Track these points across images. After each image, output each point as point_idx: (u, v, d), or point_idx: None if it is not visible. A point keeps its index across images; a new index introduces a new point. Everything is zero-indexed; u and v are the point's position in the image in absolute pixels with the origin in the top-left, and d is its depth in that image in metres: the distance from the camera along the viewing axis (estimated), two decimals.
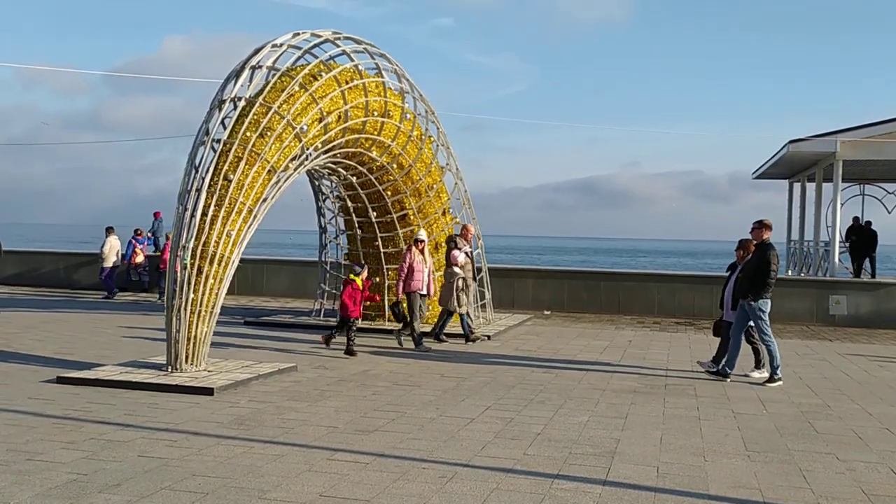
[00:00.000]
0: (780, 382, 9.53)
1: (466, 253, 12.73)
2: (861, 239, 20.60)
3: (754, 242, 9.85)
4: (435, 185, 13.91)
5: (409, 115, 12.98)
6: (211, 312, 9.13)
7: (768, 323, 9.63)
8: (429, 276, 12.10)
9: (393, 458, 5.97)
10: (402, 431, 6.80)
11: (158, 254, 19.84)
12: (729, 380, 9.74)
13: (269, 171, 9.82)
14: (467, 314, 12.69)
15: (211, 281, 9.07)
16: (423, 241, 12.13)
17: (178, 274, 9.06)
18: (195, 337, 9.02)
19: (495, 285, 16.42)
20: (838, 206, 18.93)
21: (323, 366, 10.07)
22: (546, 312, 17.87)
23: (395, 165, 13.11)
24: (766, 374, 9.76)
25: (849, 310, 16.68)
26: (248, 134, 9.73)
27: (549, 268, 23.95)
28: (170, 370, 8.96)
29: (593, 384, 9.34)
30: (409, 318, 11.89)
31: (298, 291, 19.56)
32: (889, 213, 23.19)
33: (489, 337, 13.14)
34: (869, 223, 21.52)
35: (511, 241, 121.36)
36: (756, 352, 10.09)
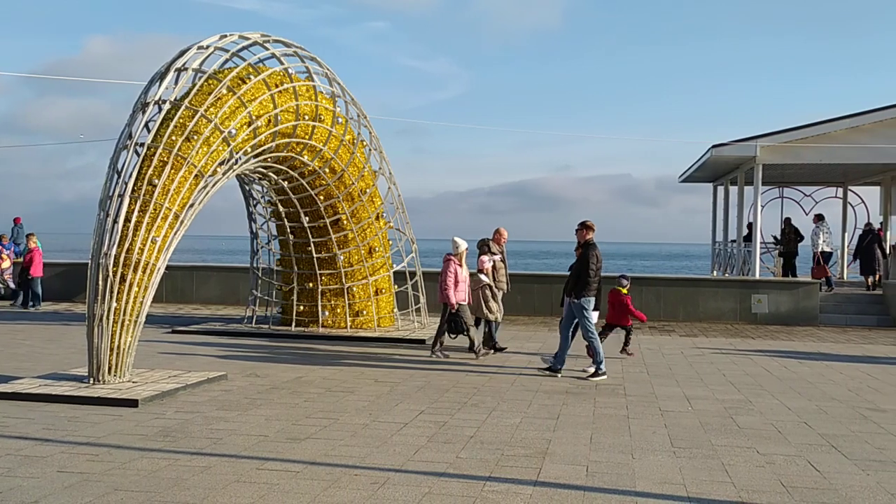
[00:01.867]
0: (604, 377, 9.91)
1: (496, 259, 11.99)
2: (790, 239, 21.44)
3: (579, 243, 10.32)
4: (368, 190, 13.85)
5: (340, 119, 12.90)
6: (135, 321, 8.86)
7: (591, 320, 10.07)
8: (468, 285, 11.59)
9: (324, 466, 5.90)
10: (334, 438, 6.74)
11: (20, 260, 19.40)
12: (559, 375, 10.09)
13: (196, 175, 9.61)
14: (495, 322, 12.01)
15: (135, 289, 8.81)
16: (463, 250, 11.58)
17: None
18: (118, 347, 8.74)
19: (430, 290, 16.43)
20: (759, 208, 19.63)
21: (254, 373, 9.89)
22: None
23: (327, 170, 13.00)
24: (592, 369, 10.12)
25: (769, 308, 17.32)
26: (173, 138, 9.50)
27: None
28: (92, 382, 8.66)
29: (526, 386, 9.43)
30: (466, 329, 11.40)
31: (230, 298, 19.21)
32: (806, 214, 24.16)
33: (497, 350, 12.15)
34: (789, 220, 22.36)
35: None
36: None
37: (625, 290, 12.22)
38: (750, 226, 22.56)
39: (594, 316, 10.34)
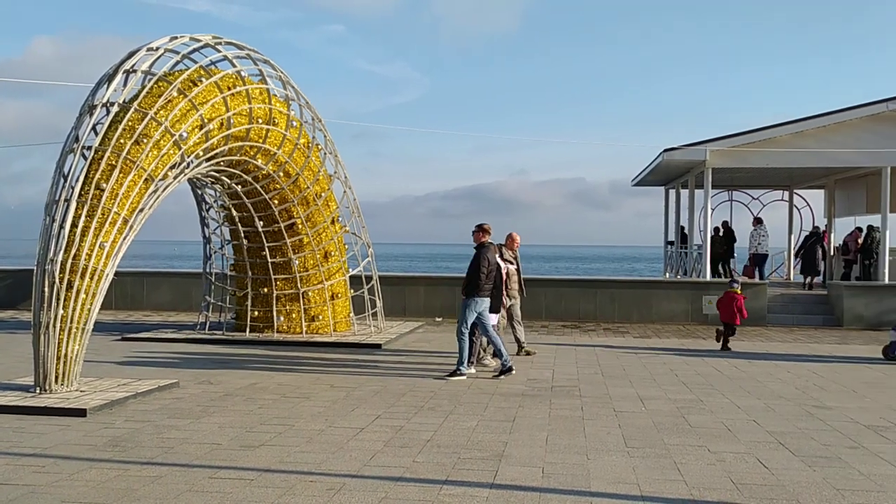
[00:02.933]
0: (462, 378, 10.05)
1: (511, 267, 11.72)
2: (726, 240, 21.95)
3: (475, 245, 10.53)
4: (323, 194, 13.76)
5: (295, 123, 12.80)
6: (83, 329, 8.65)
7: (467, 322, 10.26)
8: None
9: (279, 473, 5.83)
10: (289, 445, 6.66)
11: None
12: (513, 372, 10.25)
13: (145, 179, 9.43)
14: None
15: (83, 296, 8.60)
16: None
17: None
18: (66, 356, 8.51)
19: (386, 293, 16.41)
20: (709, 211, 20.05)
21: (207, 380, 9.73)
22: (438, 319, 17.99)
23: (281, 174, 12.88)
24: (496, 364, 10.33)
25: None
26: (122, 141, 9.31)
27: (440, 275, 24.14)
28: (38, 391, 8.42)
29: (482, 389, 9.47)
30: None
31: (182, 305, 18.88)
32: (753, 217, 24.71)
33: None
34: (726, 223, 22.89)
35: (402, 249, 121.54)
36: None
37: (738, 291, 13.35)
38: (682, 228, 23.24)
39: (493, 318, 10.59)
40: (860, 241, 20.26)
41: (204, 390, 9.12)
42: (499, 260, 11.27)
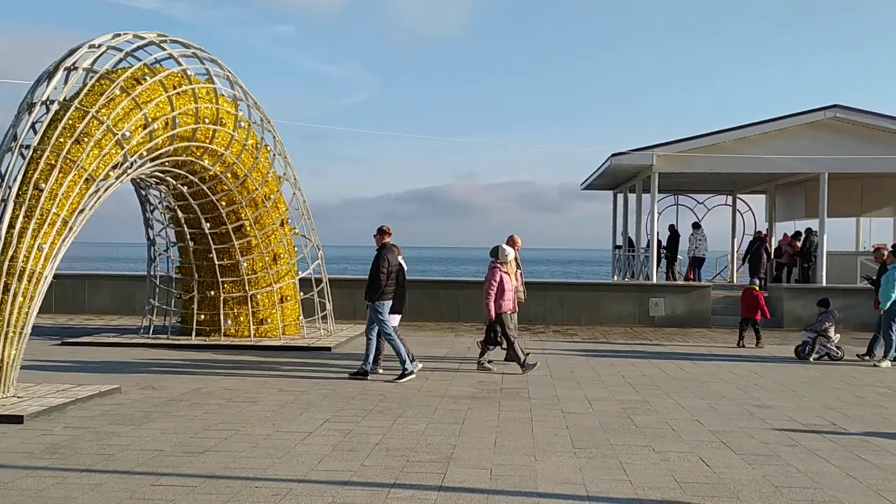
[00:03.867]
0: (411, 377, 10.14)
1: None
2: (671, 244, 22.44)
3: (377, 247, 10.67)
4: (272, 195, 13.59)
5: (243, 123, 12.62)
6: (20, 333, 8.37)
7: (388, 321, 10.36)
8: (514, 293, 11.10)
9: (224, 479, 5.73)
10: (235, 450, 6.55)
11: None
12: (413, 376, 10.23)
13: (86, 179, 9.18)
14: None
15: (20, 299, 8.32)
16: (511, 259, 11.09)
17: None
18: (2, 361, 8.22)
19: (337, 296, 16.28)
20: (655, 215, 20.42)
21: (150, 386, 9.51)
22: None
23: (229, 175, 12.68)
24: (413, 367, 10.36)
25: (666, 311, 18.03)
26: (62, 140, 9.05)
27: None
28: None
29: (432, 391, 9.46)
30: (501, 342, 11.01)
31: (125, 308, 18.43)
32: (699, 221, 25.26)
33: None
34: (672, 227, 23.39)
35: (353, 252, 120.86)
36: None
37: (757, 288, 14.16)
38: (627, 234, 23.81)
39: (395, 319, 10.70)
40: (796, 245, 20.87)
41: (147, 396, 8.92)
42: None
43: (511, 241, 11.66)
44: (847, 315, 18.08)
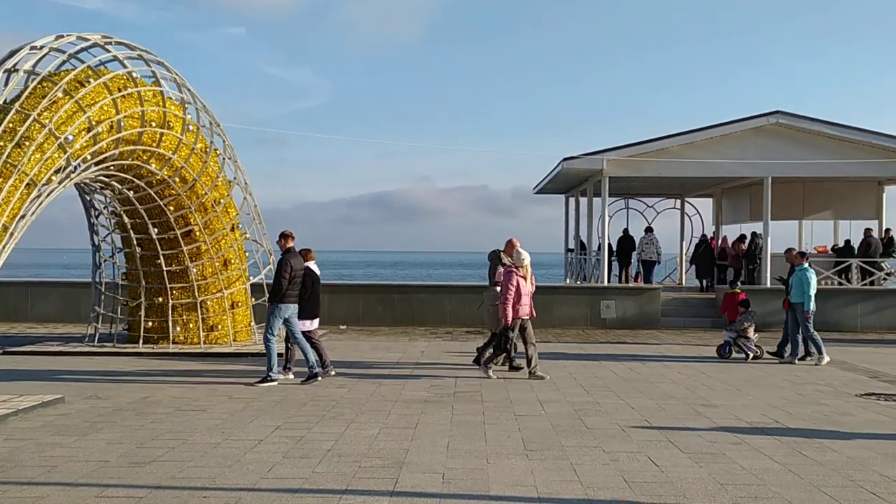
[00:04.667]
0: (273, 383, 10.11)
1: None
2: (624, 247, 22.80)
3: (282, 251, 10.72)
4: (222, 200, 13.41)
5: (191, 127, 12.43)
6: None
7: (276, 326, 10.35)
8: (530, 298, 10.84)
9: (171, 490, 5.62)
10: (182, 460, 6.44)
11: None
12: (319, 380, 10.28)
13: (27, 184, 8.95)
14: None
15: None
16: (528, 263, 10.86)
17: None
18: None
19: None
20: (606, 219, 20.73)
21: (95, 395, 9.29)
22: (342, 327, 17.83)
23: (177, 179, 12.47)
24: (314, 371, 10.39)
25: (617, 313, 18.30)
26: (1, 143, 8.81)
27: (344, 282, 23.96)
28: None
29: (385, 396, 9.44)
30: (510, 349, 10.87)
31: (70, 316, 17.94)
32: (649, 224, 25.70)
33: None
34: (626, 231, 23.79)
35: None
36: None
37: (739, 291, 14.28)
38: (577, 237, 24.21)
39: (312, 324, 10.68)
40: (741, 247, 21.39)
41: (92, 405, 8.70)
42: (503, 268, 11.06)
43: (511, 245, 11.44)
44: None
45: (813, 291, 12.52)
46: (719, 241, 23.83)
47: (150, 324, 13.45)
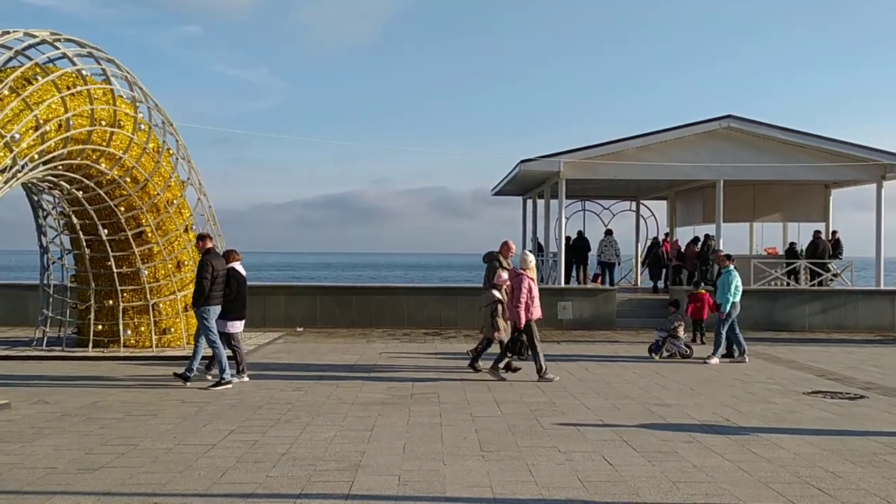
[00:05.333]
0: (228, 386, 10.02)
1: (505, 271, 11.37)
2: (579, 249, 23.08)
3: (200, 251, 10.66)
4: (175, 201, 13.18)
5: (143, 126, 12.18)
6: None
7: (213, 329, 10.25)
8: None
9: (120, 496, 5.49)
10: (132, 466, 6.30)
11: None
12: (230, 386, 10.08)
13: None
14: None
15: None
16: (533, 265, 11.06)
17: None
18: None
19: None
20: (563, 220, 20.90)
21: (42, 400, 9.04)
22: (299, 329, 17.67)
23: (128, 179, 12.22)
24: (239, 378, 10.40)
25: (574, 314, 18.47)
26: None
27: (301, 284, 23.75)
28: None
29: (342, 398, 9.37)
30: (524, 352, 10.82)
31: (16, 319, 17.43)
32: (605, 226, 26.01)
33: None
34: (581, 233, 24.06)
35: (262, 258, 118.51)
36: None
37: (704, 291, 15.06)
38: (535, 238, 24.46)
39: (238, 325, 10.65)
40: (694, 248, 21.79)
41: (38, 411, 8.47)
42: (504, 273, 11.15)
43: (506, 248, 11.61)
44: (741, 315, 18.96)
45: (733, 293, 12.83)
46: (671, 243, 24.24)
47: (101, 327, 13.15)
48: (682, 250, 22.43)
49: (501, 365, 11.04)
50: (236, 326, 10.66)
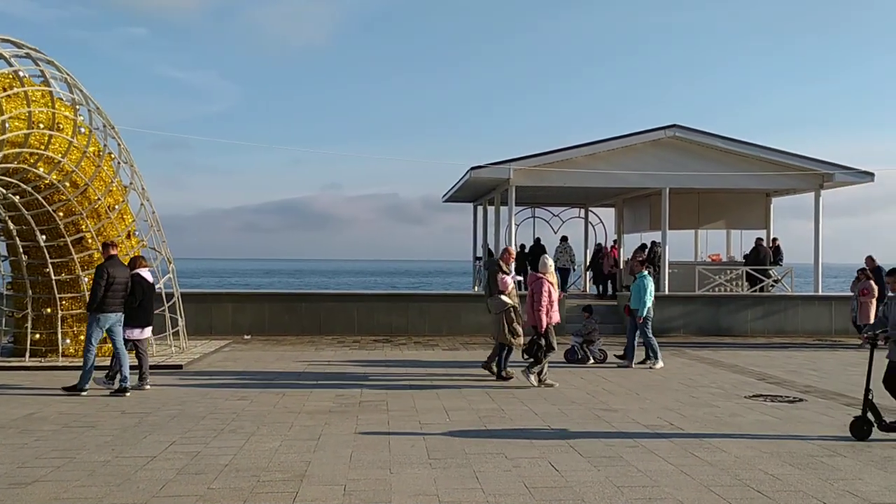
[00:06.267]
0: (127, 394, 9.97)
1: (506, 275, 11.46)
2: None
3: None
4: (117, 206, 12.86)
5: (83, 129, 11.87)
6: None
7: (94, 337, 10.17)
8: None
9: None
10: (68, 480, 6.09)
11: None
12: (128, 395, 10.00)
13: None
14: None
15: None
16: (552, 270, 11.16)
17: None
18: None
19: (190, 311, 15.59)
20: (513, 227, 21.03)
21: None
22: (246, 337, 17.40)
23: (67, 184, 11.88)
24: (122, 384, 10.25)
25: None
26: None
27: (249, 291, 23.43)
28: None
29: (289, 407, 9.24)
30: (541, 355, 10.85)
31: None
32: (555, 233, 26.28)
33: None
34: (538, 240, 24.29)
35: (209, 265, 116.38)
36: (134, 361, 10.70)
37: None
38: (485, 245, 24.66)
39: (144, 332, 10.60)
40: (641, 255, 22.18)
41: None
42: (507, 278, 11.20)
43: (507, 255, 11.98)
44: (686, 320, 19.40)
45: (649, 298, 13.12)
46: (622, 250, 24.61)
47: (38, 336, 12.74)
48: (617, 258, 22.87)
49: (538, 371, 10.96)
50: (143, 333, 10.58)
